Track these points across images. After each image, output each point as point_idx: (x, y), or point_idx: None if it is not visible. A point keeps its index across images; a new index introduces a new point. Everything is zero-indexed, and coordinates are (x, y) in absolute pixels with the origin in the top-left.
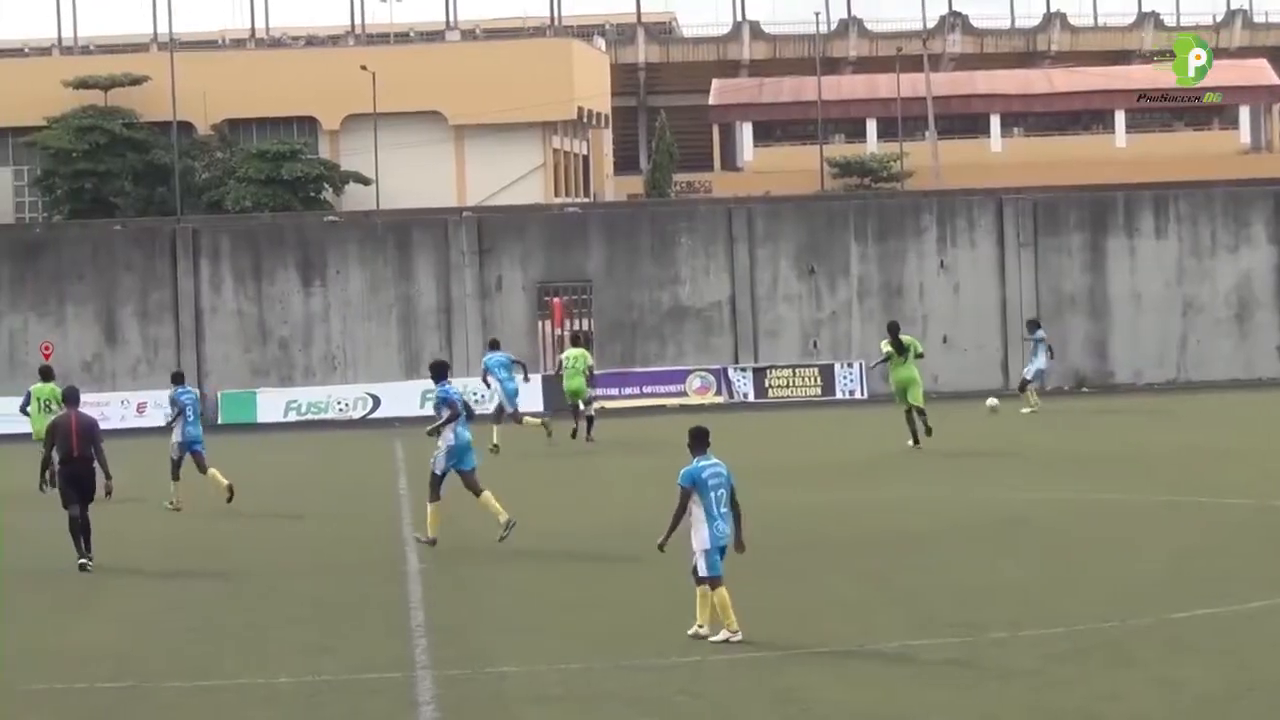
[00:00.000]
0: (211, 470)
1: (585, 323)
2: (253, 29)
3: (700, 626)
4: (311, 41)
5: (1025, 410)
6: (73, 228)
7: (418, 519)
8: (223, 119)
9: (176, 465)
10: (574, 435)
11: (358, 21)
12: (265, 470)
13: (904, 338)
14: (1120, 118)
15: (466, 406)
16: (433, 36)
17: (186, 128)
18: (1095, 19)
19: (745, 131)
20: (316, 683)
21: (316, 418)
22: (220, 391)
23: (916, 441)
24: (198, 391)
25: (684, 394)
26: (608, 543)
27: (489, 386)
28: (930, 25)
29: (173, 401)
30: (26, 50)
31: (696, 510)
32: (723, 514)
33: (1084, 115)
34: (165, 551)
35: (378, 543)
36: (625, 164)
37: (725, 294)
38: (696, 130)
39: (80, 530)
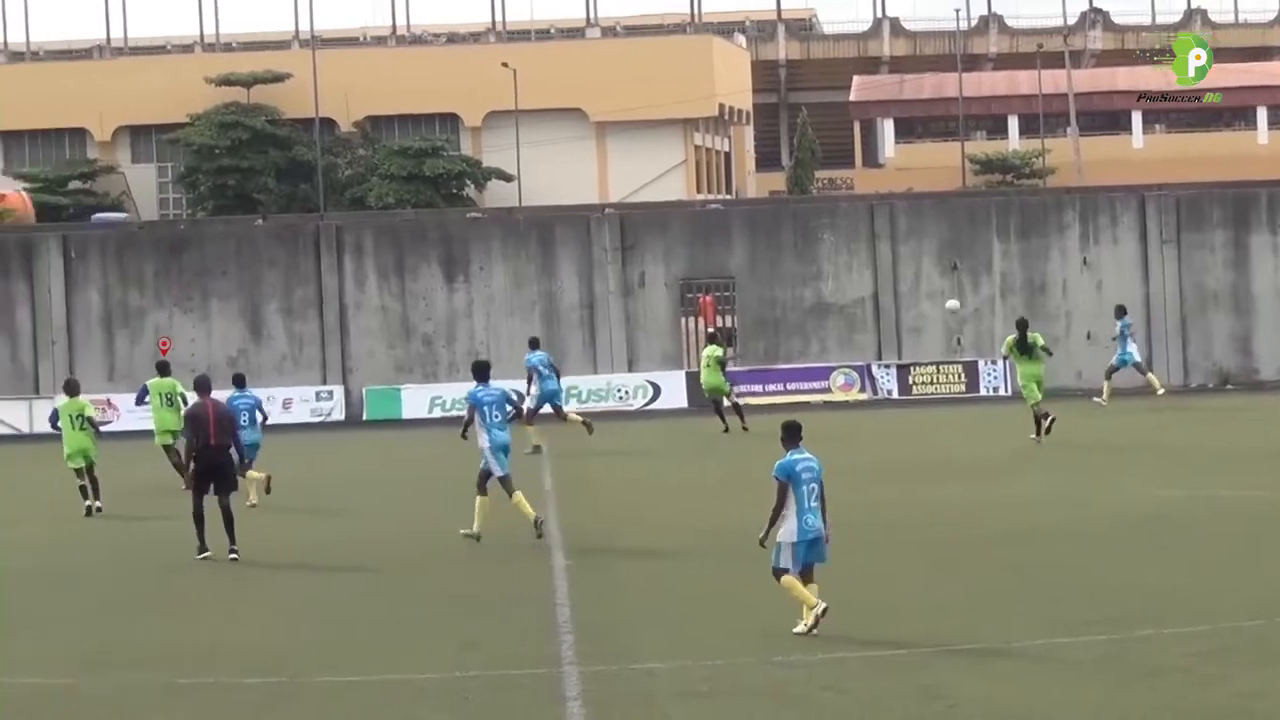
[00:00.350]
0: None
1: (728, 319)
2: (394, 26)
3: (815, 612)
4: (452, 38)
5: (1099, 400)
6: (216, 224)
7: (505, 515)
8: (365, 116)
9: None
10: (725, 431)
11: (499, 18)
12: (410, 466)
13: (1030, 335)
14: (1263, 114)
15: (514, 405)
16: (573, 33)
17: (329, 124)
18: (1236, 15)
19: (887, 128)
20: (463, 678)
21: (462, 413)
22: (365, 388)
23: (1039, 435)
24: (256, 396)
25: (828, 391)
26: (754, 539)
27: (530, 387)
28: (1071, 22)
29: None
30: (169, 48)
31: (788, 504)
32: (813, 508)
33: (1225, 112)
34: (312, 547)
35: (522, 539)
36: (767, 161)
37: (868, 290)
38: (838, 127)
39: (224, 521)
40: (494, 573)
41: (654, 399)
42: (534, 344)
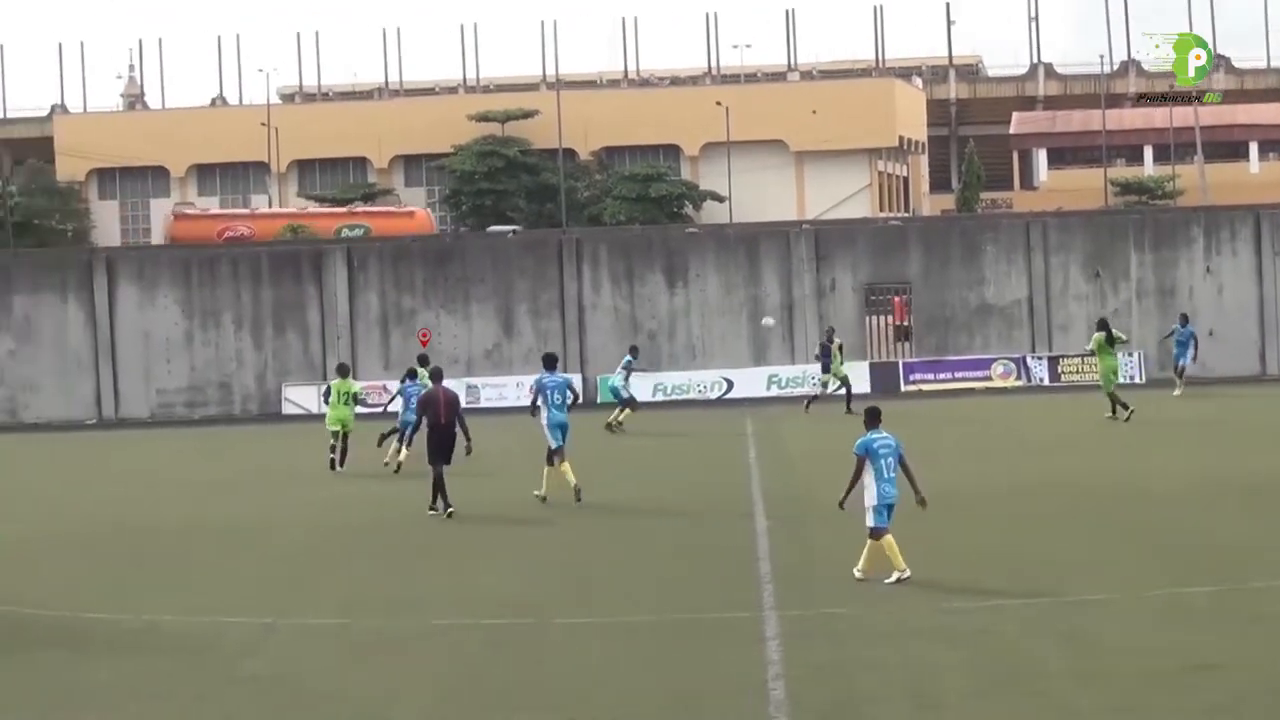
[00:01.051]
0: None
1: (906, 319)
2: (625, 70)
3: (859, 570)
4: (675, 81)
5: (1177, 393)
6: (476, 238)
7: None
8: (601, 146)
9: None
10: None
11: (714, 64)
12: (639, 441)
13: (1115, 333)
14: None
15: (572, 390)
16: (776, 76)
17: (570, 154)
18: None
19: (1041, 157)
20: (674, 620)
21: (680, 398)
22: (598, 376)
23: (1115, 414)
24: (420, 386)
25: (989, 379)
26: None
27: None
28: None
29: (401, 394)
30: (437, 89)
31: (868, 474)
32: (889, 478)
33: None
34: (553, 507)
35: (729, 501)
36: (939, 184)
37: (1024, 294)
38: (999, 155)
39: (437, 486)
40: (705, 529)
41: (842, 385)
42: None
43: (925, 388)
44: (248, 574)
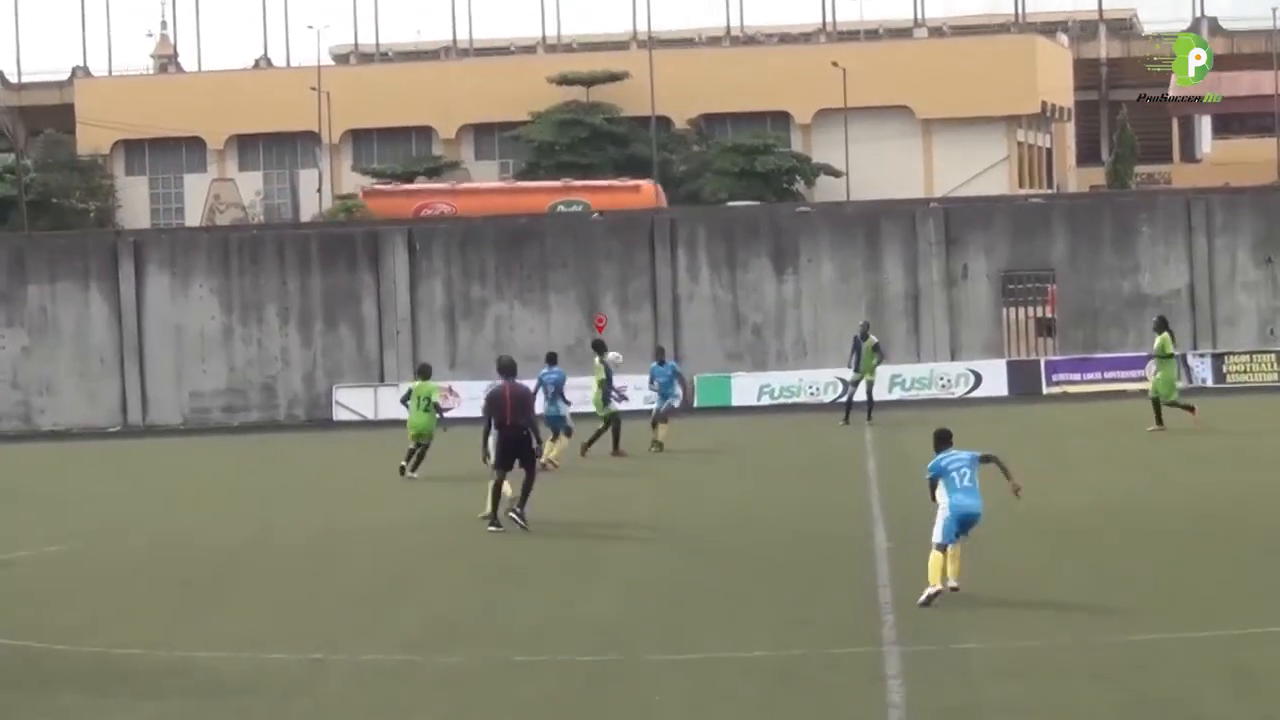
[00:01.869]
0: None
1: (1046, 310)
2: (728, 27)
3: (940, 588)
4: (784, 39)
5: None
6: (555, 218)
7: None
8: (699, 114)
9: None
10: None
11: (829, 19)
12: (740, 451)
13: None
14: None
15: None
16: (901, 33)
17: (664, 122)
18: None
19: (1204, 124)
20: (790, 656)
21: (789, 401)
22: (696, 376)
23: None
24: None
25: (1144, 379)
26: (1074, 521)
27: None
28: None
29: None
30: (512, 49)
31: (940, 492)
32: (964, 488)
33: None
34: (650, 524)
35: (849, 521)
36: (1087, 156)
37: (1184, 282)
38: (1156, 123)
39: (523, 489)
40: (822, 553)
41: (975, 387)
42: (551, 360)
43: (1070, 389)
44: (297, 601)
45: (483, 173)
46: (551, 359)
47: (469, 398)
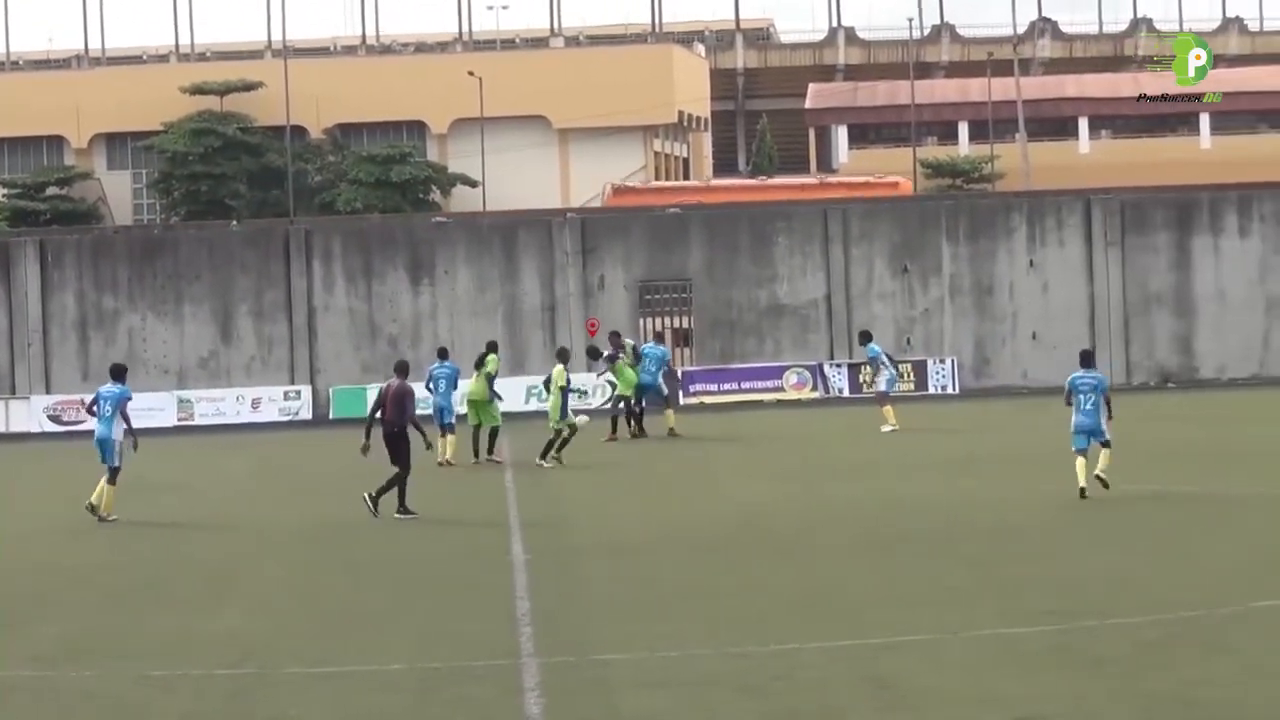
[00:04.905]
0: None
1: (685, 320)
2: (363, 36)
3: (1083, 487)
4: (420, 48)
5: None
6: (189, 229)
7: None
8: (334, 123)
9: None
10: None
11: (465, 29)
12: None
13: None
14: (1205, 120)
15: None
16: (538, 43)
17: (299, 132)
18: (1180, 24)
19: (841, 134)
20: (429, 669)
21: (426, 413)
22: (332, 388)
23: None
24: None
25: (781, 389)
26: (714, 533)
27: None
28: (1020, 31)
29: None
30: (145, 57)
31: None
32: (1086, 410)
33: (1170, 118)
34: (296, 539)
35: (485, 533)
36: (724, 166)
37: (821, 292)
38: (793, 133)
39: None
40: (457, 565)
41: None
42: (442, 354)
43: (707, 400)
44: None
45: (116, 182)
46: (443, 354)
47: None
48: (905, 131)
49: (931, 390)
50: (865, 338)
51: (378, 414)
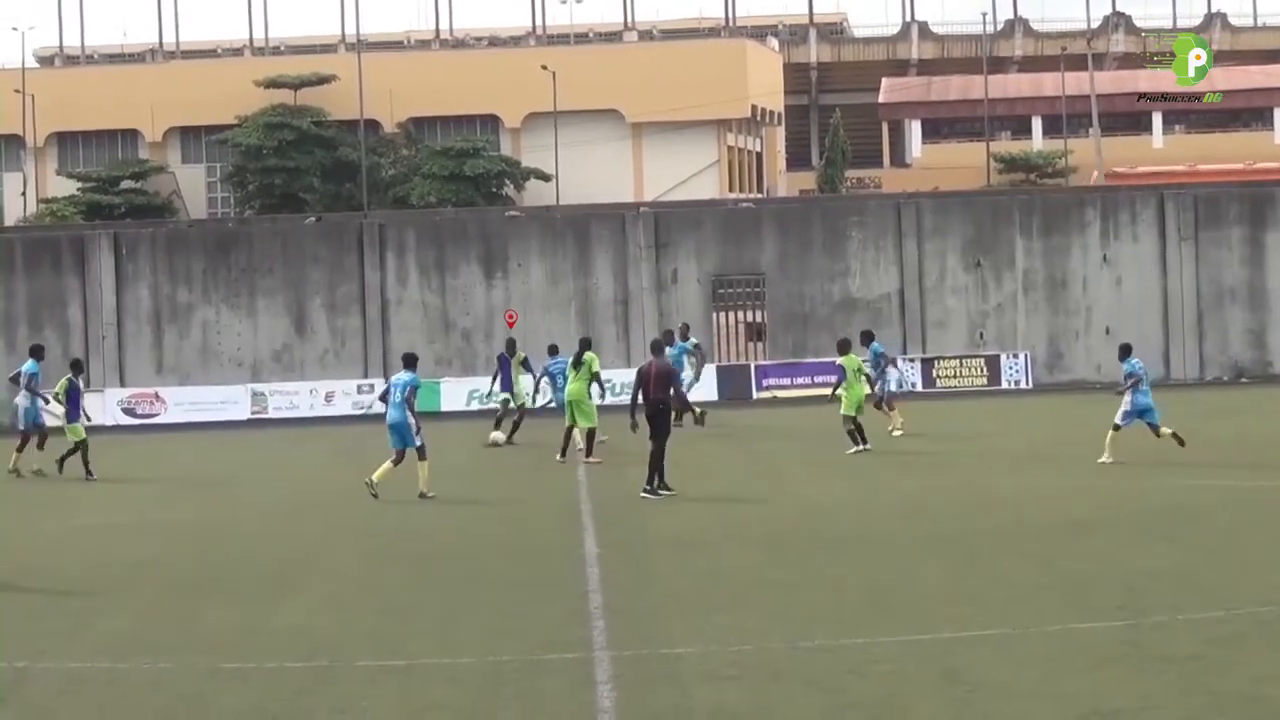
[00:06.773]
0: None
1: (758, 314)
2: (437, 30)
3: (1106, 459)
4: (494, 42)
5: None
6: (264, 222)
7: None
8: (408, 117)
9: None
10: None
11: (539, 22)
12: (449, 455)
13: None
14: (1279, 114)
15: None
16: (611, 37)
17: (373, 126)
18: (1255, 19)
19: (914, 129)
20: (500, 662)
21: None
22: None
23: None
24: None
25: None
26: (782, 527)
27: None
28: (1094, 25)
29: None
30: (219, 52)
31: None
32: (1144, 391)
33: (1244, 113)
34: (364, 534)
35: (558, 525)
36: (797, 161)
37: (894, 286)
38: (866, 128)
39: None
40: (531, 559)
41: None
42: (553, 350)
43: (780, 394)
44: None
45: (191, 176)
46: (553, 350)
47: (174, 403)
48: (978, 126)
49: (1005, 385)
50: (867, 338)
51: (639, 393)
